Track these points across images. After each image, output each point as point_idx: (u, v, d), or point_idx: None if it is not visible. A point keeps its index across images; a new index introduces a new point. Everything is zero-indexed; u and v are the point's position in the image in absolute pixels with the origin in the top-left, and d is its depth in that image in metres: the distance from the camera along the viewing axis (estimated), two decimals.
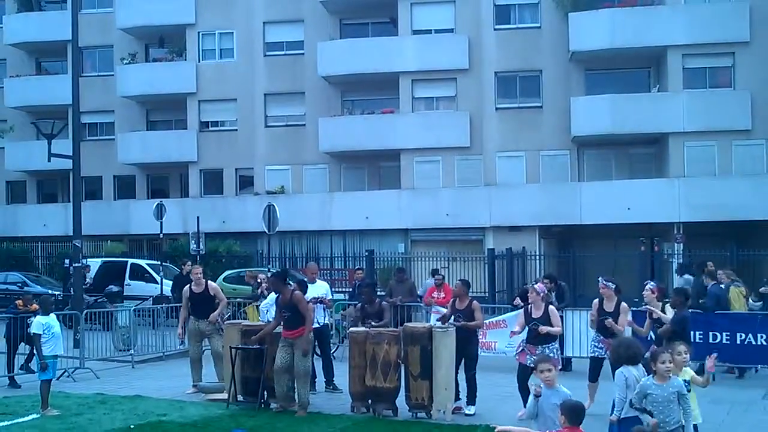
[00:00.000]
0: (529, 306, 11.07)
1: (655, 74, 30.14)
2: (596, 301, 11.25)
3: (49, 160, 17.77)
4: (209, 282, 13.53)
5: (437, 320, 13.08)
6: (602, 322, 10.91)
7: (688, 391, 7.19)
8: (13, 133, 32.98)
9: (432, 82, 31.13)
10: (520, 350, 11.05)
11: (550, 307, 11.10)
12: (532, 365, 10.74)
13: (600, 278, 11.26)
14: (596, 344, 11.21)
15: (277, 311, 11.72)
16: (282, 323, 11.36)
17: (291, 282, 12.57)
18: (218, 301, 13.30)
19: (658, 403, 6.95)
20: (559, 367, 10.61)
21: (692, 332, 12.01)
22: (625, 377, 7.30)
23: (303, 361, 11.18)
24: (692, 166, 28.40)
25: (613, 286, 11.16)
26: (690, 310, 14.76)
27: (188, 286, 13.46)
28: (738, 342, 14.12)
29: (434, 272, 17.58)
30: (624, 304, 11.13)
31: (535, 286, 11.31)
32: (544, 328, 10.63)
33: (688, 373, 7.52)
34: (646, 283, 11.38)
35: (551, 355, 10.69)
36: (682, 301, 10.67)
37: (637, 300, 14.22)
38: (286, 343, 11.22)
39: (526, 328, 10.94)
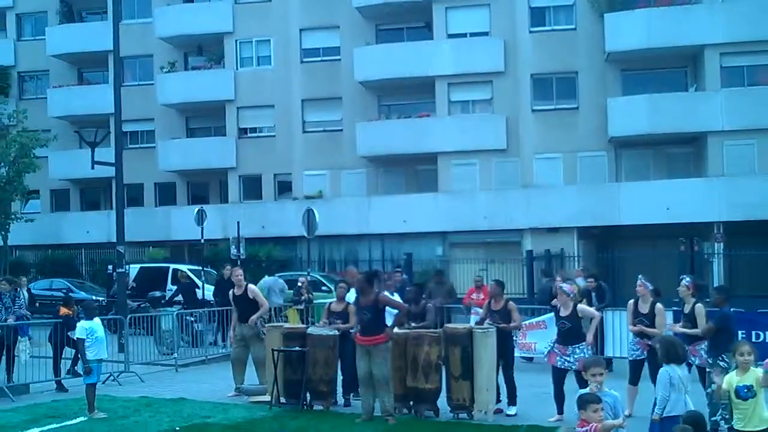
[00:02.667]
0: (558, 305, 11.11)
1: (693, 73, 29.85)
2: (631, 302, 11.19)
3: (92, 168, 18.10)
4: (249, 285, 13.52)
5: (475, 322, 13.11)
6: (638, 324, 10.88)
7: (752, 396, 7.01)
8: (56, 143, 33.56)
9: (468, 85, 31.15)
10: (549, 351, 11.06)
11: (578, 305, 11.11)
12: (561, 366, 10.78)
13: (640, 277, 11.21)
14: (633, 347, 11.18)
15: (356, 313, 11.29)
16: (359, 327, 11.06)
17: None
18: (260, 305, 13.35)
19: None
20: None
21: (736, 331, 11.89)
22: (670, 376, 7.32)
23: (381, 367, 10.73)
24: (731, 164, 28.08)
25: (651, 287, 11.11)
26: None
27: (232, 289, 13.64)
28: None
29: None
30: (659, 306, 11.05)
31: (563, 287, 11.28)
32: (589, 338, 10.72)
33: (752, 376, 7.11)
34: (682, 279, 11.31)
35: (581, 355, 10.66)
36: (725, 298, 10.58)
37: (677, 300, 14.12)
38: (364, 350, 10.87)
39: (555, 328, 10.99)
